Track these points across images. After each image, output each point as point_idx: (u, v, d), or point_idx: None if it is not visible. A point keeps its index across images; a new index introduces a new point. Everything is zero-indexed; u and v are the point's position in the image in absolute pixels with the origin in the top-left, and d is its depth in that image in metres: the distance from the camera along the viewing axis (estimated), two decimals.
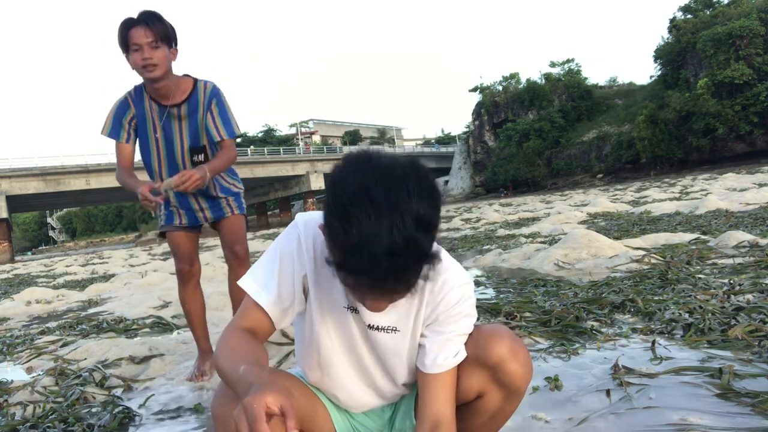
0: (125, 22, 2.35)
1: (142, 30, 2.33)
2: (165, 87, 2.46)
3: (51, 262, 23.58)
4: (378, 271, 0.94)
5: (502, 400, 1.30)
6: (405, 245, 0.93)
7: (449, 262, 1.27)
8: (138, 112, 2.56)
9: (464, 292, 1.25)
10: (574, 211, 11.79)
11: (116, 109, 2.56)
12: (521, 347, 1.27)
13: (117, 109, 2.56)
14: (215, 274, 7.45)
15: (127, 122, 2.55)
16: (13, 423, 2.27)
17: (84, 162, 43.60)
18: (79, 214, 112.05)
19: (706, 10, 45.95)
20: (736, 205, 8.63)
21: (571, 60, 58.39)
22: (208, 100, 2.56)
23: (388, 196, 0.94)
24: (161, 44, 2.36)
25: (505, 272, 5.19)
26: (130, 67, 2.44)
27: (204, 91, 2.57)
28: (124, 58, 2.43)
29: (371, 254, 0.93)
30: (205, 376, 2.73)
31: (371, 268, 0.94)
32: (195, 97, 2.55)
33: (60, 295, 7.50)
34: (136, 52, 2.34)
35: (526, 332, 2.79)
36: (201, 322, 2.86)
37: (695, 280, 3.48)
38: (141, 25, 2.33)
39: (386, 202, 0.93)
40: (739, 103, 39.72)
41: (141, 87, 2.56)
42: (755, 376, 1.91)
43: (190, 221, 2.72)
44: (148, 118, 2.56)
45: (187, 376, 2.79)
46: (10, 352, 3.98)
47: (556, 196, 28.38)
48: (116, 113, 2.56)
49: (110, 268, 13.51)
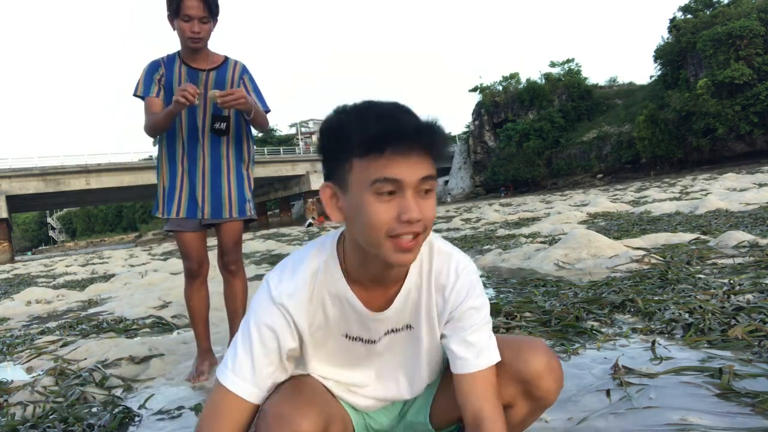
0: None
1: (197, 3, 2.41)
2: (200, 53, 2.58)
3: (51, 262, 23.57)
4: (408, 120, 1.02)
5: (529, 413, 1.29)
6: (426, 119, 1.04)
7: (451, 248, 1.26)
8: (168, 73, 2.62)
9: (471, 279, 1.24)
10: (574, 211, 11.79)
11: (148, 68, 2.65)
12: (557, 363, 1.26)
13: (149, 68, 2.65)
14: (215, 273, 7.43)
15: (157, 78, 2.62)
16: (13, 423, 2.27)
17: (84, 162, 43.60)
18: (79, 214, 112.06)
19: (706, 10, 45.90)
20: (736, 205, 8.63)
21: (571, 60, 58.36)
22: (239, 74, 2.69)
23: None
24: (210, 19, 2.48)
25: (505, 272, 5.19)
26: (172, 28, 2.53)
27: (234, 67, 2.70)
28: (167, 18, 2.51)
29: (396, 115, 1.03)
30: (202, 376, 2.72)
31: (400, 122, 1.01)
32: (225, 68, 2.67)
33: (60, 295, 7.50)
34: (186, 22, 2.44)
35: (526, 332, 2.79)
36: (204, 321, 2.85)
37: (695, 280, 3.48)
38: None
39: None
40: (739, 103, 39.69)
41: (175, 54, 2.65)
42: (755, 376, 1.91)
43: (189, 213, 2.67)
44: (175, 80, 2.61)
45: (186, 376, 2.79)
46: (10, 352, 3.98)
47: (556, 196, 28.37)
48: (148, 71, 2.64)
49: (110, 268, 13.50)
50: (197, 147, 2.65)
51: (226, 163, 2.69)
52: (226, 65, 2.67)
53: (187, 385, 2.69)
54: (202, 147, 2.65)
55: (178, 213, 2.67)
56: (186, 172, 2.66)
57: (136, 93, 2.62)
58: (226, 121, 2.64)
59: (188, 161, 2.66)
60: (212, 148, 2.66)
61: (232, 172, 2.70)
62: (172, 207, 2.68)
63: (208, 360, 2.84)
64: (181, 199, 2.68)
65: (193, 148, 2.65)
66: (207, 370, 2.76)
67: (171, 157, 2.69)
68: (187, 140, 2.64)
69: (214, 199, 2.68)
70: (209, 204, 2.68)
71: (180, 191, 2.68)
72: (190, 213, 2.68)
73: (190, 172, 2.66)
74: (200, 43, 2.51)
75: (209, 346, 2.88)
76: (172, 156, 2.68)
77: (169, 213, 2.68)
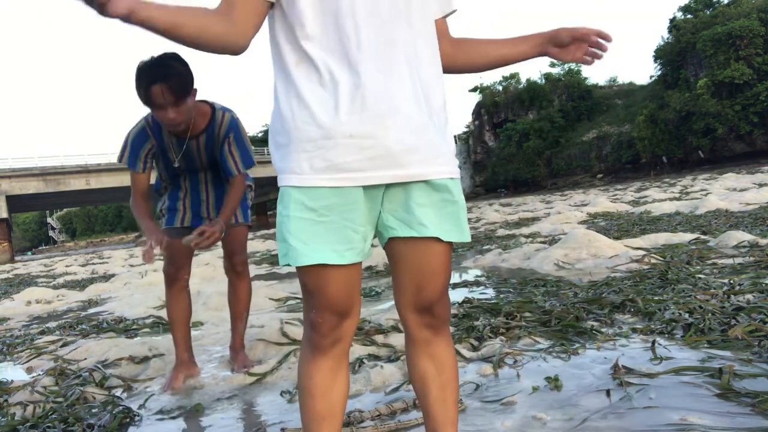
0: (144, 79, 2.21)
1: (162, 90, 2.21)
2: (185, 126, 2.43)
3: (51, 262, 23.57)
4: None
5: None
6: None
7: None
8: (158, 141, 2.53)
9: None
10: (574, 211, 11.78)
11: (134, 140, 2.52)
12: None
13: (135, 139, 2.52)
14: (215, 274, 7.45)
15: (144, 154, 2.53)
16: (13, 423, 2.27)
17: (84, 162, 43.59)
18: (79, 214, 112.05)
19: (706, 10, 45.89)
20: (736, 205, 8.62)
21: None
22: (225, 133, 2.56)
23: None
24: (183, 100, 2.28)
25: (505, 272, 5.19)
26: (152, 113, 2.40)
27: (221, 123, 2.55)
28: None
29: None
30: (172, 390, 2.61)
31: None
32: (212, 128, 2.54)
33: (60, 295, 7.50)
34: (159, 110, 2.27)
35: (526, 332, 2.79)
36: (183, 330, 2.74)
37: (695, 280, 3.48)
38: (160, 85, 2.20)
39: None
40: (739, 103, 39.67)
41: None
42: (755, 376, 1.91)
43: (194, 223, 2.70)
44: (167, 148, 2.55)
45: (161, 386, 2.70)
46: (10, 352, 3.98)
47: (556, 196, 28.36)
48: (133, 144, 2.52)
49: (110, 268, 13.50)
50: (198, 175, 2.71)
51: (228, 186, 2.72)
52: (213, 123, 2.53)
53: (187, 385, 2.69)
54: (204, 176, 2.72)
55: (182, 223, 2.71)
56: (188, 194, 2.72)
57: (122, 161, 2.55)
58: None
59: (190, 185, 2.72)
60: (214, 178, 2.73)
61: None
62: (175, 219, 2.71)
63: (185, 371, 2.71)
64: (185, 213, 2.72)
65: (195, 177, 2.72)
66: (180, 385, 2.64)
67: (174, 183, 2.74)
68: (189, 176, 2.71)
69: (219, 209, 2.70)
70: (215, 212, 2.72)
71: (183, 207, 2.72)
72: (195, 223, 2.70)
73: (192, 198, 2.71)
74: (181, 126, 2.37)
75: (187, 357, 2.75)
76: (174, 182, 2.74)
77: (172, 223, 2.71)
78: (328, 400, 1.22)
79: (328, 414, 1.22)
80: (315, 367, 1.21)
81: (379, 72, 1.07)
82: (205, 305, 4.64)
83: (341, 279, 1.15)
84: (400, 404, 2.02)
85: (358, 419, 1.93)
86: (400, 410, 2.00)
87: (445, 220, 1.15)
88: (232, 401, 2.41)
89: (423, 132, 1.11)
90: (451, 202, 1.16)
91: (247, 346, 3.02)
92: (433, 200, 1.14)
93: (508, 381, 2.20)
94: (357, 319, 1.23)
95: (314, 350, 1.20)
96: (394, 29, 1.10)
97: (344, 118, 1.07)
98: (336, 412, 1.23)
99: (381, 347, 2.82)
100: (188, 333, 2.79)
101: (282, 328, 3.19)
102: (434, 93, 1.16)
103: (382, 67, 1.08)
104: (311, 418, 1.22)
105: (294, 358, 2.82)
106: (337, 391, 1.23)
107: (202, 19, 1.06)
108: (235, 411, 2.30)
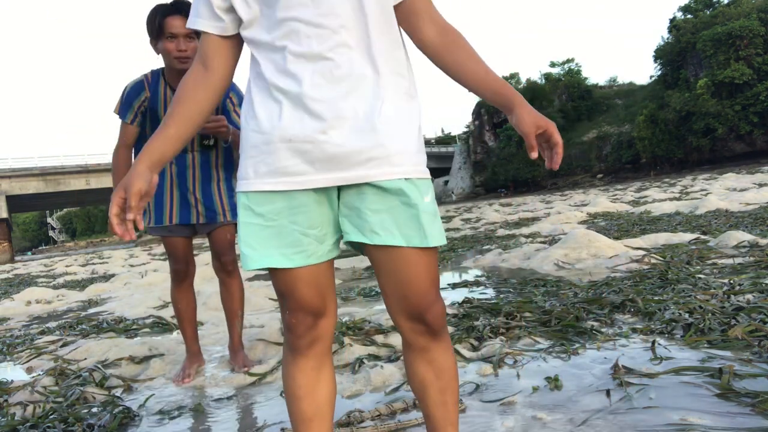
0: (161, 9, 2.35)
1: (181, 20, 2.34)
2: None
3: (51, 262, 23.58)
4: None
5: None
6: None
7: None
8: (152, 94, 2.56)
9: None
10: (574, 211, 11.78)
11: (129, 91, 2.57)
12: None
13: (130, 90, 2.57)
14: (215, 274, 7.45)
15: (137, 105, 2.57)
16: (13, 423, 2.27)
17: (84, 162, 43.65)
18: (79, 214, 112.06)
19: (706, 10, 45.92)
20: (736, 205, 8.63)
21: (571, 60, 58.43)
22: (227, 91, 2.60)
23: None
24: (195, 36, 2.40)
25: (505, 272, 5.19)
26: (156, 52, 2.47)
27: None
28: (150, 42, 2.45)
29: None
30: (188, 378, 2.73)
31: None
32: None
33: (60, 295, 7.51)
34: (170, 40, 2.37)
35: (526, 332, 2.79)
36: (191, 324, 2.86)
37: (695, 280, 3.48)
38: (179, 15, 2.34)
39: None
40: (739, 103, 39.71)
41: (159, 73, 2.59)
42: (755, 376, 1.91)
43: (182, 218, 2.66)
44: (160, 101, 2.57)
45: (173, 378, 2.79)
46: (10, 352, 3.98)
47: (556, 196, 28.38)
48: (128, 95, 2.57)
49: (110, 268, 13.50)
50: (186, 157, 2.66)
51: (216, 173, 2.70)
52: None
53: (187, 385, 2.69)
54: (192, 158, 2.66)
55: (171, 220, 2.66)
56: (175, 180, 2.66)
57: (115, 111, 2.63)
58: (214, 139, 2.67)
59: (177, 169, 2.66)
60: (202, 159, 2.68)
61: (222, 182, 2.72)
62: (163, 215, 2.66)
63: (197, 362, 2.86)
64: (172, 206, 2.67)
65: (182, 159, 2.66)
66: (193, 374, 2.77)
67: None
68: (176, 159, 2.64)
69: (207, 204, 2.68)
70: (204, 208, 2.68)
71: (171, 199, 2.67)
72: (183, 219, 2.67)
73: (179, 180, 2.66)
74: (188, 63, 2.41)
75: (198, 349, 2.91)
76: None
77: (161, 221, 2.66)
78: (314, 401, 1.22)
79: (315, 415, 1.22)
80: (296, 368, 1.21)
81: (321, 77, 1.07)
82: (205, 305, 4.64)
83: (308, 280, 1.15)
84: (400, 404, 2.02)
85: (358, 419, 1.93)
86: (400, 410, 1.99)
87: (405, 225, 1.10)
88: (232, 401, 2.41)
89: (369, 133, 1.07)
90: (408, 205, 1.09)
91: (247, 346, 3.02)
92: (389, 205, 1.10)
93: (508, 381, 2.20)
94: (334, 319, 1.22)
95: (293, 352, 1.21)
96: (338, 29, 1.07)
97: (285, 123, 1.08)
98: (323, 412, 1.23)
99: (381, 347, 2.82)
100: (196, 326, 2.90)
101: (282, 328, 3.18)
102: (391, 88, 1.12)
103: (324, 70, 1.07)
104: (298, 419, 1.22)
105: None
106: (323, 391, 1.22)
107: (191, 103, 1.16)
108: (235, 411, 2.30)
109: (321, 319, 1.19)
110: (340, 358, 2.69)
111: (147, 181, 1.12)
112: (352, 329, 3.11)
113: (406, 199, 1.10)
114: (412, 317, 1.16)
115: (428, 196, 1.13)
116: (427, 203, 1.12)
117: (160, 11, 2.37)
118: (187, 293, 2.83)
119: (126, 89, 2.58)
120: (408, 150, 1.11)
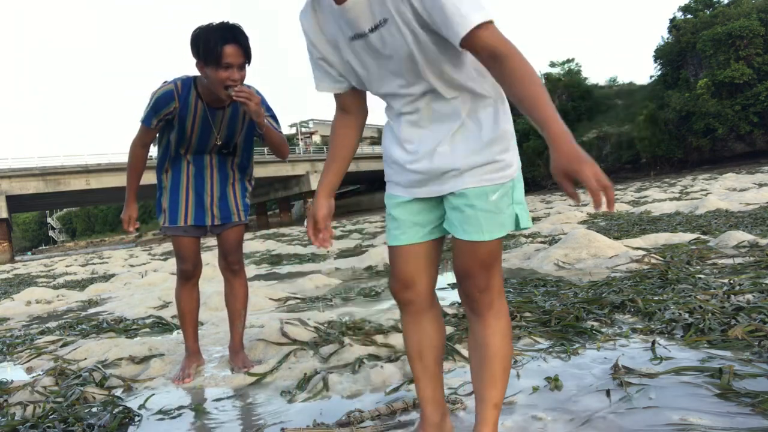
0: (220, 36, 2.26)
1: (236, 50, 2.29)
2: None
3: (51, 262, 23.57)
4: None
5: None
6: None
7: None
8: (182, 105, 2.53)
9: None
10: (574, 211, 11.78)
11: (159, 99, 2.52)
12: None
13: (160, 98, 2.51)
14: (215, 274, 7.44)
15: (164, 114, 2.54)
16: (13, 423, 2.27)
17: (84, 162, 43.59)
18: (79, 214, 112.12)
19: (706, 10, 45.88)
20: (736, 205, 8.63)
21: (571, 60, 58.30)
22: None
23: None
24: (247, 63, 2.37)
25: (505, 272, 5.19)
26: (202, 74, 2.40)
27: None
28: (196, 64, 2.37)
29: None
30: (188, 378, 2.74)
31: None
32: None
33: (60, 295, 7.50)
34: (225, 69, 2.29)
35: (526, 332, 2.79)
36: (193, 323, 2.89)
37: (695, 280, 3.48)
38: (236, 45, 2.28)
39: None
40: (739, 103, 39.67)
41: (190, 84, 2.52)
42: (755, 376, 1.91)
43: (197, 219, 2.71)
44: (190, 112, 2.54)
45: (172, 377, 2.80)
46: (10, 352, 3.98)
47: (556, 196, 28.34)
48: (157, 103, 2.52)
49: (110, 268, 13.50)
50: (204, 158, 2.71)
51: (232, 174, 2.78)
52: None
53: (187, 385, 2.69)
54: (210, 159, 2.72)
55: (186, 221, 2.71)
56: (191, 182, 2.71)
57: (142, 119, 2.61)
58: (233, 151, 2.74)
59: (195, 170, 2.70)
60: (220, 160, 2.74)
61: (236, 182, 2.80)
62: (178, 216, 2.71)
63: (196, 362, 2.89)
64: (187, 207, 2.71)
65: (200, 159, 2.71)
66: (193, 373, 2.79)
67: (175, 165, 2.72)
68: (195, 153, 2.69)
69: (222, 205, 2.74)
70: (218, 210, 2.73)
71: (186, 200, 2.71)
72: (198, 220, 2.72)
73: (197, 181, 2.70)
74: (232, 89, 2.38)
75: (197, 348, 2.94)
76: (176, 164, 2.72)
77: (176, 221, 2.71)
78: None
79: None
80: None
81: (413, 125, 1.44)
82: (205, 305, 4.64)
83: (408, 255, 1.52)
84: (400, 404, 2.02)
85: (358, 419, 1.93)
86: (400, 410, 1.99)
87: (466, 222, 1.39)
88: (232, 401, 2.41)
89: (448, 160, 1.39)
90: (470, 207, 1.38)
91: (247, 346, 3.02)
92: (457, 205, 1.41)
93: (509, 381, 2.19)
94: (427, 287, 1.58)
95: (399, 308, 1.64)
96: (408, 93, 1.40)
97: (406, 157, 1.46)
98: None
99: (381, 347, 2.82)
100: (197, 325, 2.93)
101: (282, 328, 3.18)
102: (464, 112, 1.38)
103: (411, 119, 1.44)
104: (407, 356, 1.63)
105: (294, 358, 2.83)
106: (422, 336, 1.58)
107: (345, 140, 1.58)
108: (235, 411, 2.30)
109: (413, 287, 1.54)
110: (340, 358, 2.69)
111: (327, 207, 1.58)
112: (352, 329, 3.12)
113: (467, 201, 1.39)
114: (464, 294, 1.49)
115: (495, 195, 1.37)
116: (491, 202, 1.37)
117: (219, 40, 2.26)
118: (192, 292, 2.86)
119: (154, 96, 2.52)
120: (472, 164, 1.38)
